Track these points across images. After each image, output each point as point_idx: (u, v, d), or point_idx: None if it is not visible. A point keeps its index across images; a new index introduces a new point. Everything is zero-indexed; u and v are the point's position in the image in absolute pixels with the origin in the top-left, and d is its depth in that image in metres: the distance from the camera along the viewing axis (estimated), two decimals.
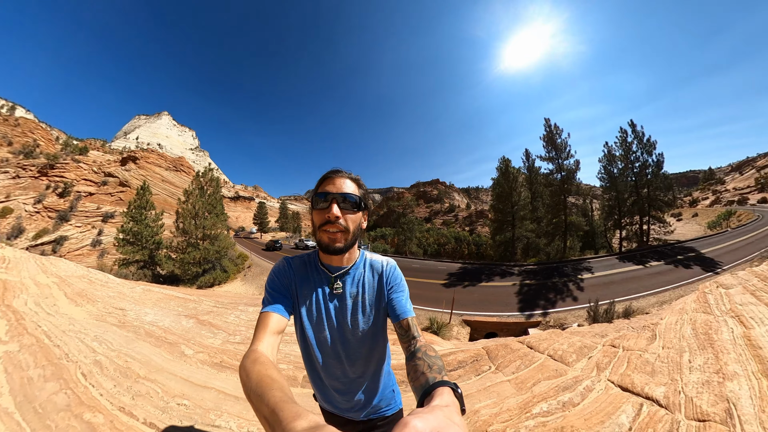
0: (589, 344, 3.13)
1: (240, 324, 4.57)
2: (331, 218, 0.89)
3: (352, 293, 1.00)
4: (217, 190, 23.28)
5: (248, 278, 19.55)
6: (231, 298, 7.69)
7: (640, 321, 3.92)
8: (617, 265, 17.48)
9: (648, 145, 24.54)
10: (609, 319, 6.98)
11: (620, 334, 3.31)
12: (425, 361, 0.71)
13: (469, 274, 18.88)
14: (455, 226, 69.16)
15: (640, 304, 9.38)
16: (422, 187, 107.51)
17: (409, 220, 42.79)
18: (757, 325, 2.67)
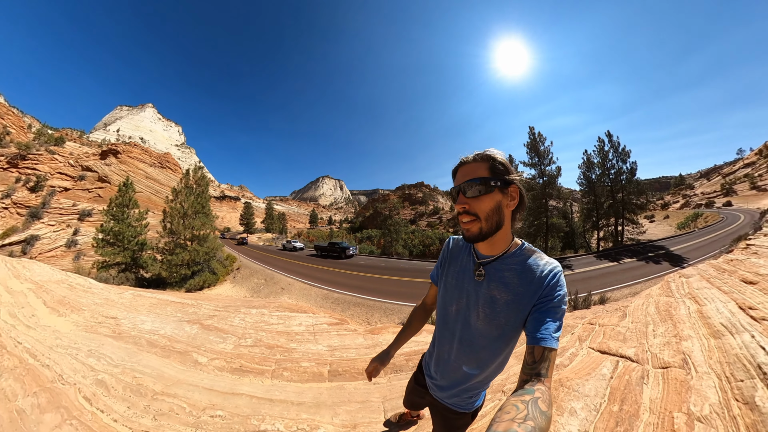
0: (571, 324, 3.68)
1: (247, 327, 4.32)
2: (459, 210, 0.91)
3: (491, 286, 0.93)
4: (206, 189, 22.48)
5: (238, 280, 18.83)
6: (225, 300, 7.57)
7: (614, 305, 4.50)
8: (595, 262, 18.75)
9: (623, 154, 27.27)
10: (587, 306, 7.60)
11: (597, 315, 3.84)
12: (526, 408, 0.58)
13: None
14: (439, 227, 70.50)
15: (614, 295, 10.19)
16: (407, 189, 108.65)
17: (395, 222, 43.50)
18: (709, 303, 3.23)
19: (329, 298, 12.74)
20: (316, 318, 5.06)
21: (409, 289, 14.42)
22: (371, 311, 11.01)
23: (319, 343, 3.86)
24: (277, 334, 4.08)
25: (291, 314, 5.22)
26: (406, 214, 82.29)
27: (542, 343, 0.76)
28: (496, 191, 0.87)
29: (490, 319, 0.92)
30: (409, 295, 12.92)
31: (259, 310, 5.46)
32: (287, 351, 3.53)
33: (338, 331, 4.45)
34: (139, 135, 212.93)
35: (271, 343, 3.68)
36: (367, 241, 50.84)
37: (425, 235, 53.75)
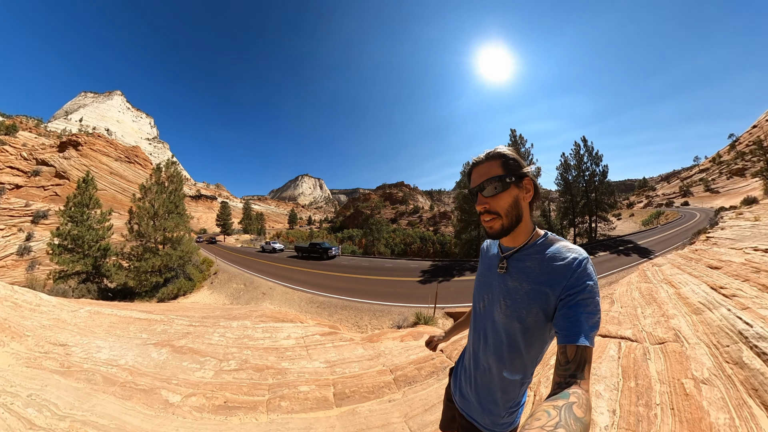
0: None
1: (229, 345, 3.78)
2: (480, 210, 0.92)
3: (513, 277, 0.93)
4: (180, 187, 20.65)
5: (216, 286, 17.84)
6: (203, 311, 6.84)
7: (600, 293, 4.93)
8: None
9: (596, 158, 30.59)
10: None
11: None
12: (559, 415, 0.54)
13: (441, 270, 19.98)
14: (420, 226, 71.70)
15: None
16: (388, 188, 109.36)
17: (377, 221, 43.71)
18: (684, 285, 3.71)
19: (314, 302, 12.39)
20: (306, 328, 4.74)
21: (396, 288, 14.53)
22: (360, 314, 10.85)
23: (315, 359, 3.52)
24: (265, 351, 3.66)
25: (277, 325, 4.83)
26: (387, 213, 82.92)
27: (575, 341, 0.70)
28: (512, 187, 0.89)
29: (511, 311, 0.89)
30: (397, 295, 12.96)
31: (241, 322, 4.91)
32: (280, 372, 3.11)
33: (333, 342, 4.16)
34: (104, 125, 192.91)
35: (260, 364, 3.24)
36: (349, 241, 50.77)
37: (406, 234, 54.49)
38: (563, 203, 32.65)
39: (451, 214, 71.11)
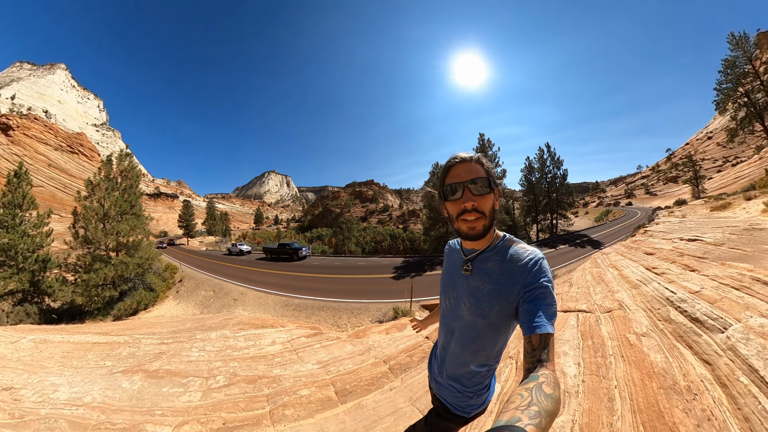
0: None
1: (212, 359, 3.48)
2: (467, 207, 0.92)
3: (476, 278, 0.99)
4: (135, 183, 18.17)
5: (182, 295, 16.39)
6: (171, 324, 6.31)
7: (560, 279, 5.67)
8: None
9: (557, 162, 34.65)
10: None
11: None
12: (530, 395, 0.60)
13: (412, 266, 20.71)
14: (390, 224, 72.46)
15: (557, 273, 12.54)
16: (358, 187, 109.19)
17: (347, 220, 43.62)
18: (625, 268, 4.50)
19: (289, 305, 12.23)
20: (289, 332, 4.66)
21: (371, 286, 14.84)
22: (338, 313, 10.95)
23: (306, 362, 3.49)
24: (252, 360, 3.48)
25: (258, 331, 4.68)
26: (357, 211, 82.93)
27: (537, 331, 0.77)
28: (492, 192, 0.94)
29: (474, 308, 0.97)
30: (372, 292, 13.25)
31: (219, 332, 4.61)
32: (274, 380, 2.98)
33: (320, 342, 4.14)
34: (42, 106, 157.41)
35: (251, 375, 3.06)
36: (318, 241, 50.12)
37: (377, 232, 54.91)
38: (526, 202, 36.19)
39: (419, 212, 72.86)
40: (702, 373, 2.00)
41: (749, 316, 2.32)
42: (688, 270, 3.81)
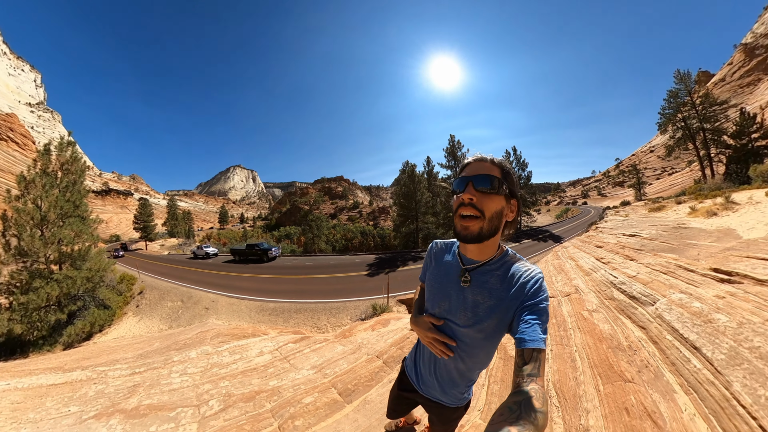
0: None
1: (198, 382, 3.19)
2: (464, 200, 0.90)
3: (475, 291, 0.97)
4: (80, 179, 15.24)
5: (144, 309, 14.67)
6: (137, 346, 5.66)
7: None
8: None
9: (523, 164, 37.40)
10: None
11: None
12: (519, 410, 0.62)
13: (385, 262, 21.27)
14: (360, 221, 72.55)
15: None
16: (327, 183, 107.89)
17: (316, 217, 43.08)
18: (580, 259, 5.28)
19: (265, 310, 11.96)
20: (274, 339, 4.53)
21: (346, 284, 15.05)
22: (316, 314, 10.94)
23: (301, 368, 3.43)
24: (244, 375, 3.31)
25: (242, 342, 4.48)
26: (326, 208, 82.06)
27: (530, 345, 0.78)
28: (503, 196, 0.90)
29: (473, 322, 0.96)
30: (348, 291, 13.46)
31: (199, 349, 4.22)
32: (273, 393, 2.88)
33: (309, 347, 4.09)
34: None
35: (247, 392, 2.90)
36: (287, 240, 48.97)
37: (347, 229, 54.78)
38: None
39: (390, 209, 73.83)
40: (639, 335, 2.63)
41: (672, 292, 3.02)
42: (628, 259, 4.62)
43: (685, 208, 8.48)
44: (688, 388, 1.94)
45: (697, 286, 3.02)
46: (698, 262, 3.65)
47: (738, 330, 2.16)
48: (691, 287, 3.03)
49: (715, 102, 26.28)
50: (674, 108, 27.51)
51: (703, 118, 26.11)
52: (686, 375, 2.02)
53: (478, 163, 0.94)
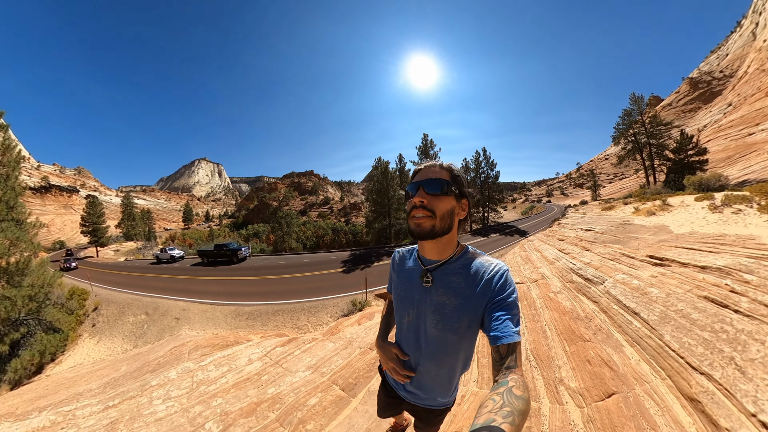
0: None
1: (187, 405, 2.91)
2: (416, 203, 0.94)
3: (439, 292, 0.98)
4: (15, 172, 12.52)
5: (102, 328, 12.81)
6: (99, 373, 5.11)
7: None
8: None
9: (491, 165, 40.46)
10: None
11: None
12: (502, 399, 0.65)
13: (360, 258, 21.52)
14: (331, 218, 71.21)
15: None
16: (297, 178, 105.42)
17: (286, 214, 42.11)
18: (545, 251, 6.00)
19: (241, 314, 11.47)
20: (260, 345, 4.40)
21: (322, 282, 14.94)
22: (295, 315, 10.77)
23: (296, 371, 3.38)
24: (237, 388, 3.14)
25: (226, 352, 4.24)
26: (296, 204, 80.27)
27: (505, 341, 0.80)
28: (452, 197, 0.95)
29: (442, 324, 0.96)
30: (325, 288, 13.36)
31: (179, 367, 3.85)
32: (274, 401, 2.81)
33: (299, 348, 4.04)
34: None
35: (246, 406, 2.78)
36: (255, 239, 47.39)
37: (318, 226, 53.82)
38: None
39: (361, 205, 73.95)
40: (593, 308, 3.25)
41: (617, 274, 3.72)
42: (584, 250, 5.39)
43: (630, 208, 9.69)
44: (632, 342, 2.54)
45: (637, 269, 3.73)
46: (638, 251, 4.41)
47: (666, 299, 2.81)
48: (632, 270, 3.73)
49: (661, 123, 31.65)
50: (627, 124, 32.66)
51: (650, 135, 31.45)
52: (630, 333, 2.63)
53: (428, 169, 0.99)
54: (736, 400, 1.69)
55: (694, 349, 2.16)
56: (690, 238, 4.49)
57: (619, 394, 2.02)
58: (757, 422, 1.53)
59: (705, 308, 2.52)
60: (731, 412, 1.65)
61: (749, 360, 1.90)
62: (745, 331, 2.13)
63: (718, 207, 5.80)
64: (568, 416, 1.97)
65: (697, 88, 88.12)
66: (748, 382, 1.76)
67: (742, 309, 2.36)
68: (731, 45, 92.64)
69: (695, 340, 2.23)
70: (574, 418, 1.95)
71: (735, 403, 1.68)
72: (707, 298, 2.65)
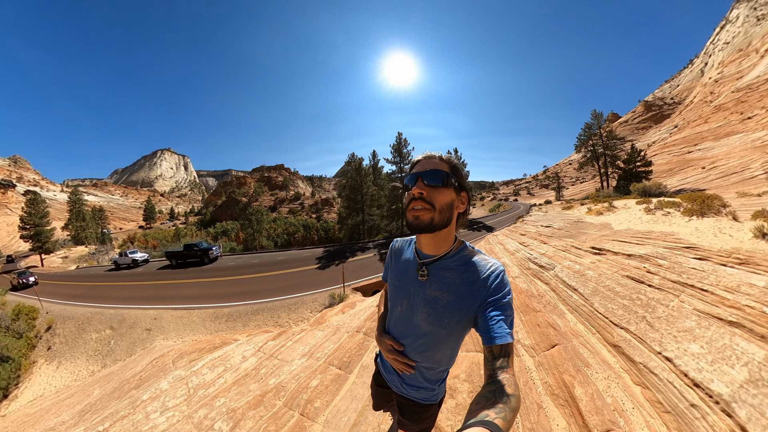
0: None
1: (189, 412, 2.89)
2: (414, 194, 0.92)
3: (433, 287, 0.98)
4: None
5: (60, 350, 11.38)
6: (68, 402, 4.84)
7: None
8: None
9: (462, 164, 41.89)
10: None
11: None
12: (494, 397, 0.67)
13: (334, 254, 21.91)
14: (302, 214, 69.86)
15: None
16: (267, 172, 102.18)
17: (256, 211, 41.05)
18: (508, 244, 6.79)
19: (219, 317, 11.17)
20: (250, 342, 4.40)
21: (299, 279, 15.15)
22: (276, 313, 10.84)
23: (292, 360, 3.49)
24: (237, 385, 3.19)
25: (216, 354, 4.18)
26: (266, 200, 78.07)
27: (498, 341, 0.81)
28: (452, 190, 0.94)
29: (433, 319, 0.97)
30: (303, 285, 13.64)
31: (169, 377, 3.69)
32: (278, 390, 2.92)
33: (290, 339, 4.16)
34: None
35: (252, 399, 2.87)
36: (224, 237, 45.62)
37: (288, 223, 52.46)
38: None
39: (333, 201, 73.52)
40: (545, 288, 3.94)
41: (565, 261, 4.46)
42: (542, 243, 6.18)
43: (585, 208, 10.84)
44: (572, 310, 3.23)
45: (581, 257, 4.49)
46: (584, 243, 5.21)
47: (598, 278, 3.53)
48: (577, 258, 4.49)
49: (616, 137, 37.09)
50: (587, 136, 37.70)
51: (606, 146, 36.62)
52: (571, 303, 3.32)
53: (427, 160, 0.97)
54: (646, 344, 2.34)
55: (616, 312, 2.84)
56: (625, 234, 5.36)
57: (561, 345, 2.64)
58: (662, 357, 2.17)
59: (626, 284, 3.25)
60: (643, 352, 2.30)
61: (656, 318, 2.58)
62: (654, 299, 2.83)
63: (652, 210, 6.75)
64: (524, 363, 2.57)
65: (651, 110, 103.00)
66: (655, 332, 2.42)
67: (654, 284, 3.08)
68: (683, 78, 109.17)
69: (617, 306, 2.92)
70: (528, 364, 2.56)
71: (646, 346, 2.33)
72: (629, 276, 3.38)
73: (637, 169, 28.95)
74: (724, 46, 77.21)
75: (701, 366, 1.97)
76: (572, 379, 2.23)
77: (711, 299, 2.55)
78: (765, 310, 2.21)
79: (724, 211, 5.69)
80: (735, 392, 1.73)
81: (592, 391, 2.09)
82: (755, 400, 1.66)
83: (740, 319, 2.22)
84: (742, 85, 43.59)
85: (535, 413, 2.05)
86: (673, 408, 1.84)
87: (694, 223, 5.22)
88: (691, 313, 2.48)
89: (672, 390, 1.93)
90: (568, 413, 2.01)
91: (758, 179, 18.99)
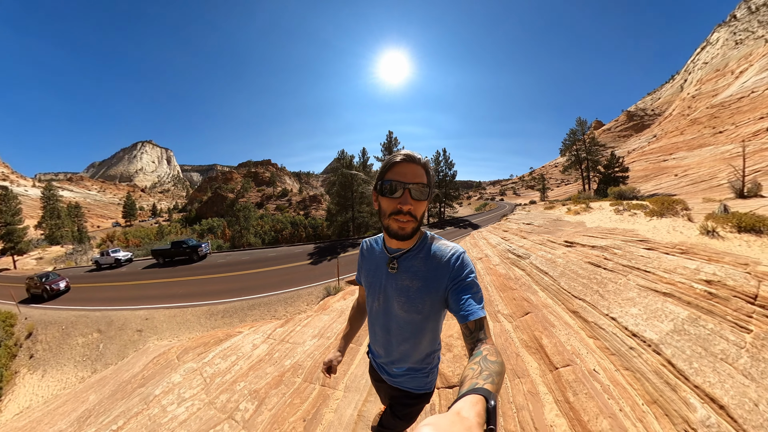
0: None
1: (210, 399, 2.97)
2: (404, 209, 0.96)
3: (403, 277, 1.05)
4: None
5: (44, 357, 10.83)
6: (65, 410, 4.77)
7: None
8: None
9: (450, 164, 44.33)
10: None
11: None
12: (479, 366, 0.71)
13: (326, 251, 22.45)
14: (289, 210, 69.20)
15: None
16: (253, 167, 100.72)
17: (244, 207, 40.58)
18: (491, 238, 7.54)
19: (215, 314, 11.12)
20: (258, 331, 4.52)
21: (293, 275, 15.46)
22: (272, 307, 11.03)
23: (303, 342, 3.67)
24: (253, 370, 3.32)
25: (225, 345, 4.26)
26: (253, 196, 77.05)
27: (471, 318, 0.87)
28: (428, 198, 1.00)
29: (407, 307, 1.05)
30: (297, 280, 13.99)
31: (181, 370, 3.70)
32: (296, 368, 3.09)
33: (299, 324, 4.35)
34: None
35: (271, 380, 2.98)
36: (210, 234, 44.97)
37: (276, 219, 52.00)
38: None
39: (321, 198, 73.31)
40: (521, 273, 4.61)
41: (540, 252, 5.17)
42: (522, 238, 6.90)
43: (565, 208, 11.70)
44: (543, 288, 3.89)
45: (554, 249, 5.19)
46: (559, 238, 5.92)
47: (566, 264, 4.22)
48: (551, 250, 5.19)
49: (598, 144, 39.89)
50: (572, 141, 40.23)
51: (589, 152, 39.42)
52: (542, 283, 3.99)
53: (413, 167, 0.98)
54: (598, 309, 2.98)
55: (576, 288, 3.51)
56: (594, 231, 6.09)
57: (533, 313, 3.30)
58: (609, 318, 2.80)
59: (587, 268, 3.93)
60: (595, 315, 2.94)
61: (607, 291, 3.23)
62: (607, 278, 3.50)
63: (621, 211, 7.54)
64: (504, 326, 3.23)
65: (633, 120, 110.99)
66: (605, 301, 3.07)
67: (608, 267, 3.76)
68: (664, 91, 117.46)
69: (578, 284, 3.59)
70: (507, 327, 3.21)
71: (597, 311, 2.97)
72: (590, 262, 4.07)
73: (615, 174, 31.67)
74: (703, 66, 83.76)
75: (638, 322, 2.59)
76: (541, 334, 2.87)
77: (652, 278, 3.20)
78: (692, 285, 2.86)
79: (682, 213, 6.50)
80: (663, 338, 2.33)
81: (555, 341, 2.73)
82: (678, 343, 2.24)
83: (672, 291, 2.85)
84: (716, 102, 46.55)
85: (513, 359, 2.68)
86: (617, 351, 2.44)
87: (653, 222, 5.97)
88: (634, 287, 3.14)
89: (616, 338, 2.54)
90: (538, 357, 2.64)
91: (723, 187, 20.66)
